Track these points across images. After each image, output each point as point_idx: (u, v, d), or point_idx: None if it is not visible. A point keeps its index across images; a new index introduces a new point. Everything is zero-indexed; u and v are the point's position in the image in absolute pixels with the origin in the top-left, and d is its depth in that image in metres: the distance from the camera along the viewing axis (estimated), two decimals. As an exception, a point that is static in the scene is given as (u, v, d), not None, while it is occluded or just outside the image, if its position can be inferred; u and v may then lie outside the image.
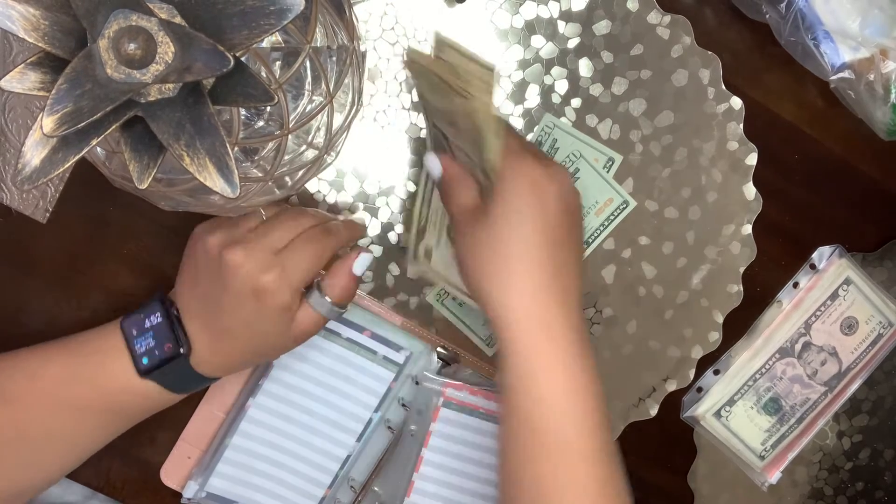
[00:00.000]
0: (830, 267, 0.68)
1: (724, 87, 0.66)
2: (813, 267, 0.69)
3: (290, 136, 0.49)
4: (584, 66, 0.64)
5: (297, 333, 0.53)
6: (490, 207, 0.50)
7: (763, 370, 0.69)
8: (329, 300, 0.54)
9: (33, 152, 0.40)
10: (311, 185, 0.63)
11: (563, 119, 0.64)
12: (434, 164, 0.54)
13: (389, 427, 0.65)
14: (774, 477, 0.70)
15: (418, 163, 0.62)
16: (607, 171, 0.65)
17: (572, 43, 0.64)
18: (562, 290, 0.48)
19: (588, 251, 0.66)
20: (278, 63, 0.50)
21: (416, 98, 0.61)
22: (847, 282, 0.69)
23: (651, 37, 0.64)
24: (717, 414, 0.69)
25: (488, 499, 0.65)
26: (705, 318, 0.68)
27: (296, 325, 0.53)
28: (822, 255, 0.69)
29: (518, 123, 0.64)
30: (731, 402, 0.69)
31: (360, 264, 0.55)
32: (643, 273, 0.67)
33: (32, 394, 0.51)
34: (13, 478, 0.52)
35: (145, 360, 0.51)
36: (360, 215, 0.64)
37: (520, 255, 0.48)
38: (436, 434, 0.64)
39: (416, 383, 0.65)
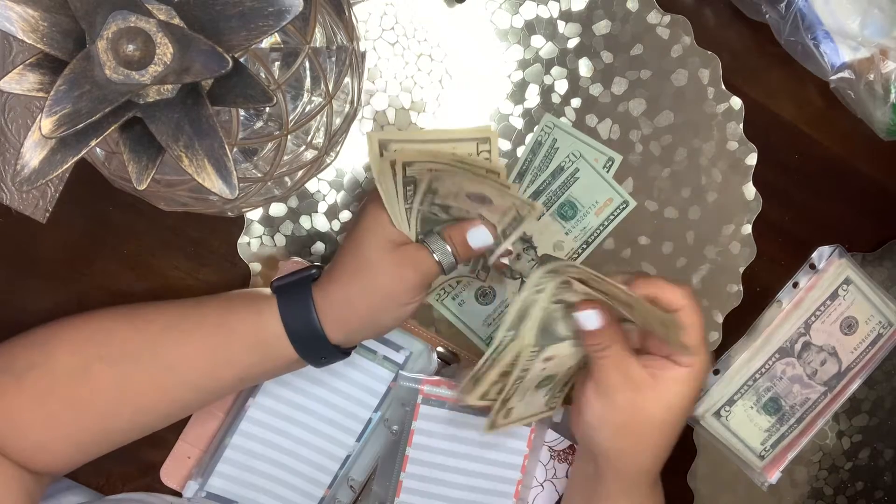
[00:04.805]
0: (830, 267, 0.68)
1: (723, 86, 0.66)
2: (813, 267, 0.69)
3: (289, 137, 0.49)
4: (584, 66, 0.64)
5: (408, 276, 0.54)
6: (669, 388, 0.53)
7: (763, 370, 0.69)
8: (449, 248, 0.55)
9: (32, 153, 0.40)
10: (311, 185, 0.63)
11: (563, 119, 0.64)
12: (593, 319, 0.52)
13: (389, 427, 0.66)
14: (774, 477, 0.70)
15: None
16: (607, 171, 0.65)
17: (572, 43, 0.64)
18: (670, 451, 0.55)
19: (588, 251, 0.66)
20: (277, 64, 0.50)
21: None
22: (847, 282, 0.69)
23: (651, 37, 0.64)
24: (717, 414, 0.69)
25: (476, 491, 0.65)
26: (705, 318, 0.68)
27: (408, 263, 0.54)
28: (822, 254, 0.69)
29: (518, 123, 0.64)
30: (730, 401, 0.69)
31: (475, 235, 0.55)
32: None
33: (201, 319, 0.56)
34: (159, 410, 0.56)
35: (278, 282, 0.56)
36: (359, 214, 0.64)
37: (671, 433, 0.54)
38: (418, 432, 0.64)
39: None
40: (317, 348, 0.55)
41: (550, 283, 0.52)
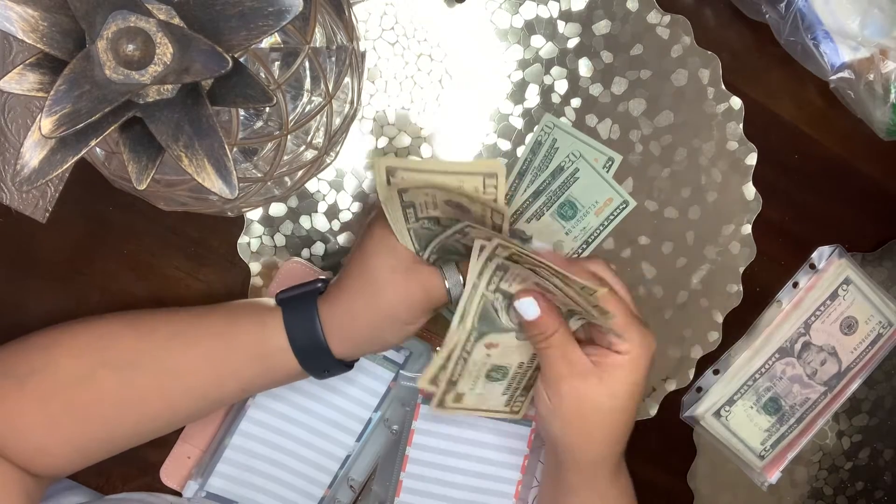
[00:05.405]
0: (830, 267, 0.68)
1: (723, 86, 0.66)
2: (812, 267, 0.69)
3: (289, 137, 0.49)
4: (584, 66, 0.64)
5: (416, 297, 0.54)
6: (611, 374, 0.52)
7: (763, 370, 0.69)
8: (461, 279, 0.54)
9: (32, 153, 0.40)
10: (311, 185, 0.63)
11: (562, 119, 0.64)
12: (531, 307, 0.52)
13: (389, 427, 0.66)
14: (774, 477, 0.70)
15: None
16: (607, 171, 0.65)
17: (572, 43, 0.64)
18: (626, 439, 0.55)
19: (588, 251, 0.66)
20: (277, 63, 0.50)
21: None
22: (847, 282, 0.69)
23: (651, 37, 0.64)
24: (717, 414, 0.69)
25: (476, 491, 0.65)
26: (705, 318, 0.68)
27: (417, 284, 0.54)
28: (822, 254, 0.69)
29: (518, 123, 0.64)
30: (730, 401, 0.69)
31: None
32: (643, 273, 0.67)
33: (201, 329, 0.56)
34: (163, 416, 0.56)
35: (283, 294, 0.56)
36: (359, 215, 0.64)
37: (621, 419, 0.53)
38: (419, 432, 0.64)
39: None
40: (320, 362, 0.55)
41: (487, 270, 0.52)
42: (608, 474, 0.55)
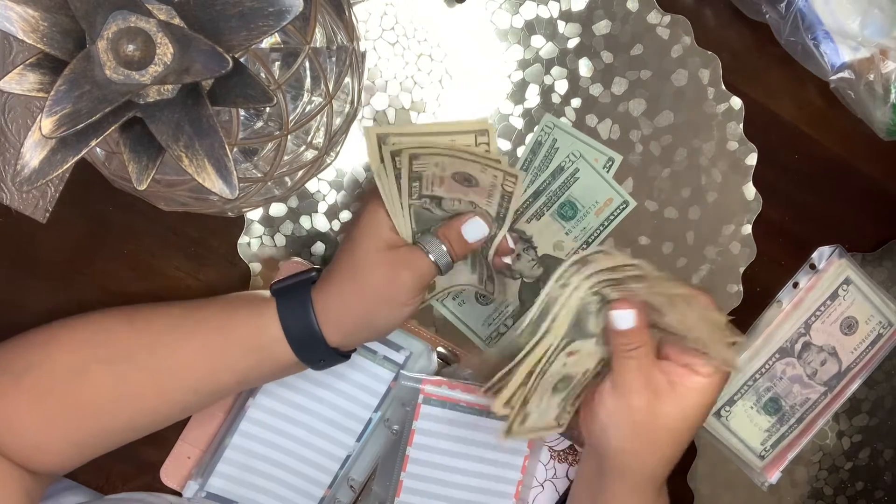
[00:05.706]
0: (830, 267, 0.68)
1: (723, 87, 0.66)
2: (813, 267, 0.69)
3: (289, 137, 0.49)
4: (584, 66, 0.64)
5: (403, 276, 0.54)
6: (686, 396, 0.53)
7: (763, 370, 0.69)
8: (445, 247, 0.55)
9: (32, 153, 0.40)
10: (311, 185, 0.63)
11: (563, 119, 0.64)
12: (628, 319, 0.52)
13: (389, 427, 0.66)
14: (774, 477, 0.70)
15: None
16: (607, 171, 0.65)
17: (572, 43, 0.64)
18: (676, 461, 0.55)
19: (588, 251, 0.66)
20: (277, 63, 0.51)
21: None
22: (847, 282, 0.69)
23: (651, 37, 0.64)
24: (717, 414, 0.69)
25: (476, 491, 0.65)
26: (705, 318, 0.68)
27: (402, 263, 0.54)
28: (822, 255, 0.69)
29: (518, 123, 0.64)
30: (730, 401, 0.69)
31: (470, 229, 0.55)
32: (643, 273, 0.67)
33: (200, 322, 0.56)
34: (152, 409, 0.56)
35: (277, 285, 0.56)
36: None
37: (684, 440, 0.54)
38: (419, 432, 0.64)
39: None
40: (315, 351, 0.55)
41: (576, 277, 0.51)
42: (656, 490, 0.55)
